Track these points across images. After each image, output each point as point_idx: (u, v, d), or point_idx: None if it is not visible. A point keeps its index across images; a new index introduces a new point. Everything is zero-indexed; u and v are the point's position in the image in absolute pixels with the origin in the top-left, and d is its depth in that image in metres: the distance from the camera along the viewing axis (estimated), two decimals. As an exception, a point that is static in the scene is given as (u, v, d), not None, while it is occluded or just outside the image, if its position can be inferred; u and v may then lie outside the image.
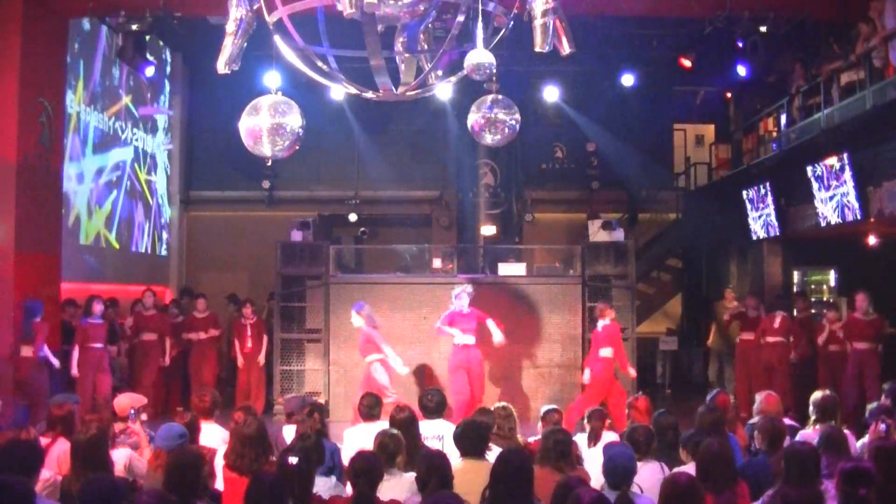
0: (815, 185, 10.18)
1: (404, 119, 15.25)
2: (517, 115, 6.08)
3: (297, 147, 5.39)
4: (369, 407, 5.90)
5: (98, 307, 9.65)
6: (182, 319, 11.47)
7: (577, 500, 3.42)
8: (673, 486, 3.72)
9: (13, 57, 8.66)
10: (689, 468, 4.37)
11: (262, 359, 10.90)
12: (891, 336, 10.27)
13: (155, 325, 10.76)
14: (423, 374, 10.21)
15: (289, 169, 14.69)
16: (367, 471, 4.05)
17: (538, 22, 5.33)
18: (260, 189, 15.36)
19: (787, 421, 5.91)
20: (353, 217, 15.60)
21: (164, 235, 15.02)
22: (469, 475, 4.30)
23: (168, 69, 14.95)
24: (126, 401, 5.89)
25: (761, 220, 12.32)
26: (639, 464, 4.49)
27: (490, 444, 4.97)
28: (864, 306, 9.47)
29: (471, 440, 4.73)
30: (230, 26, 5.46)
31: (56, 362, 8.84)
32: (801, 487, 4.01)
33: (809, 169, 10.24)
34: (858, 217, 9.38)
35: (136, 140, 13.63)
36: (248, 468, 4.49)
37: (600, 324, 9.37)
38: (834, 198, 9.80)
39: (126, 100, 13.18)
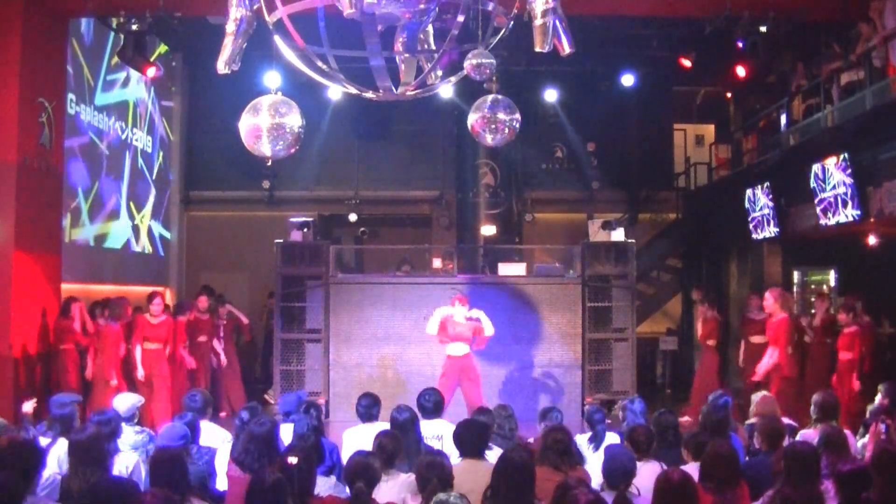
0: (815, 185, 10.17)
1: (404, 119, 15.25)
2: (517, 115, 6.07)
3: (297, 147, 5.39)
4: (367, 407, 5.89)
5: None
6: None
7: (573, 500, 3.42)
8: (666, 483, 3.73)
9: (13, 57, 8.65)
10: (691, 468, 4.36)
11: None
12: (890, 336, 10.28)
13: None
14: (422, 375, 10.21)
15: (289, 169, 14.69)
16: (365, 471, 4.05)
17: (538, 22, 5.33)
18: (260, 189, 15.36)
19: (786, 421, 5.92)
20: (353, 217, 15.60)
21: (164, 235, 15.02)
22: (469, 475, 4.30)
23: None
24: (126, 400, 5.89)
25: (761, 220, 12.32)
26: (639, 464, 4.49)
27: (490, 444, 4.97)
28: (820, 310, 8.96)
29: (470, 440, 4.73)
30: (230, 26, 5.46)
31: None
32: (801, 487, 4.01)
33: (809, 169, 10.24)
34: (858, 217, 9.37)
35: (136, 140, 13.63)
36: (250, 466, 4.50)
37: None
38: (834, 198, 9.79)
39: (123, 97, 13.18)
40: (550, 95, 14.86)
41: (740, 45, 9.88)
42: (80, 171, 11.57)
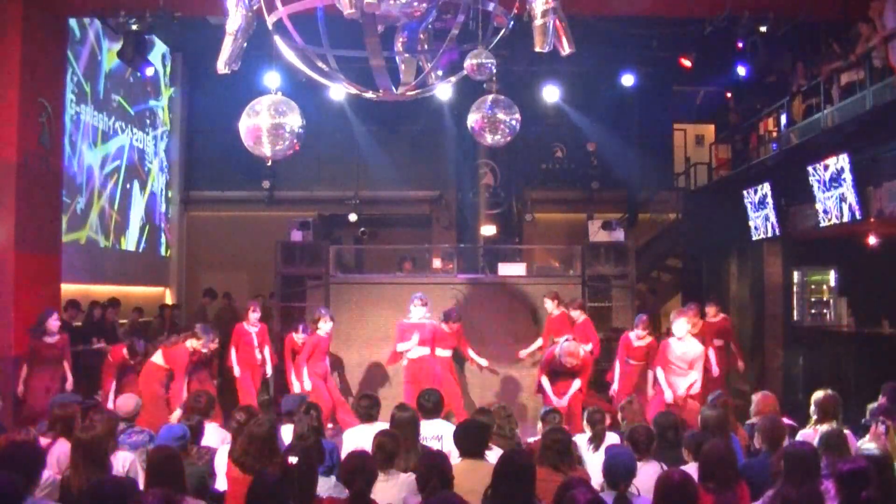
0: (815, 185, 10.17)
1: (404, 119, 15.25)
2: (517, 115, 6.07)
3: (297, 147, 5.39)
4: (367, 408, 5.89)
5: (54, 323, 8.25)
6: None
7: (573, 500, 3.42)
8: (667, 483, 3.73)
9: (13, 57, 8.66)
10: (691, 468, 4.36)
11: None
12: (890, 336, 10.28)
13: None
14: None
15: (289, 169, 14.70)
16: (361, 470, 4.04)
17: (538, 22, 5.32)
18: (260, 189, 15.37)
19: (786, 421, 5.91)
20: (353, 217, 15.61)
21: (164, 235, 15.02)
22: (469, 475, 4.30)
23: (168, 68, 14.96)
24: (127, 401, 5.90)
25: (761, 220, 12.32)
26: (639, 464, 4.49)
27: (490, 445, 4.97)
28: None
29: (470, 440, 4.73)
30: (230, 26, 5.46)
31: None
32: (801, 487, 4.00)
33: (809, 169, 10.25)
34: (858, 217, 9.37)
35: (136, 140, 13.62)
36: (251, 467, 4.50)
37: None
38: (834, 198, 9.79)
39: (120, 97, 13.18)
40: (550, 95, 14.86)
41: (740, 45, 9.89)
42: (79, 170, 11.58)
